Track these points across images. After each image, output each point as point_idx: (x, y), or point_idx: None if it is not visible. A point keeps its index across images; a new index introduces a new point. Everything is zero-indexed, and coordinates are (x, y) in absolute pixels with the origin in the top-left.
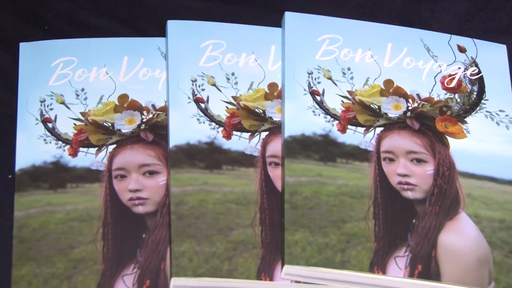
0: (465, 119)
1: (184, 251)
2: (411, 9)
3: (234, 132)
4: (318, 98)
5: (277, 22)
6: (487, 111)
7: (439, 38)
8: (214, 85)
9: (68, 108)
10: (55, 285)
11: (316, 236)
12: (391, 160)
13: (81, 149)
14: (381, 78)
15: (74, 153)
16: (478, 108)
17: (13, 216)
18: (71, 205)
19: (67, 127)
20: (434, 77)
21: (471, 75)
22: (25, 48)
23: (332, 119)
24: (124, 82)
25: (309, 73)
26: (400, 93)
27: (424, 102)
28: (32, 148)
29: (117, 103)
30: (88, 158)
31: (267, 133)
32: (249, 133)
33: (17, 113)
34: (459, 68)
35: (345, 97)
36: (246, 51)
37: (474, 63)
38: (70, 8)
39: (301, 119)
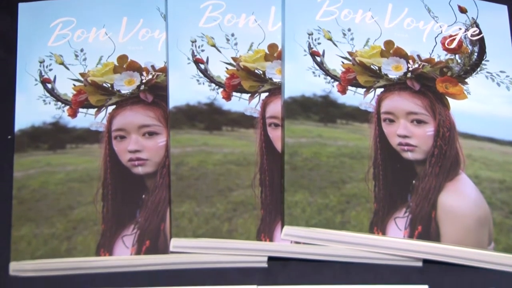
0: (466, 80)
1: (184, 212)
2: None
3: (234, 93)
4: (318, 59)
5: None
6: (487, 72)
7: None
8: (214, 46)
9: (67, 68)
10: (55, 245)
11: (316, 197)
12: (391, 121)
13: (80, 110)
14: (381, 39)
15: (73, 114)
16: (478, 69)
17: (13, 176)
18: (70, 165)
19: (66, 88)
20: (435, 38)
21: (472, 36)
22: (23, 8)
23: (332, 80)
24: (123, 43)
25: (309, 34)
26: (401, 54)
27: (424, 63)
28: (31, 109)
29: (117, 64)
30: (87, 119)
31: (267, 94)
32: (249, 94)
33: (16, 74)
34: (460, 29)
35: (346, 58)
36: (246, 12)
37: (475, 23)
38: None
39: (301, 80)
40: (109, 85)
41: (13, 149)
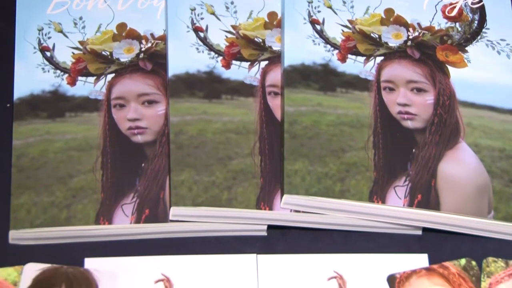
0: (466, 48)
1: (183, 180)
2: None
3: (234, 62)
4: (318, 27)
5: None
6: (488, 40)
7: None
8: (213, 14)
9: (66, 36)
10: (54, 213)
11: (315, 166)
12: (391, 89)
13: (79, 78)
14: (381, 7)
15: (72, 82)
16: (479, 37)
17: (12, 145)
18: (70, 134)
19: (65, 56)
20: (435, 6)
21: (472, 3)
22: None
23: (332, 48)
24: (122, 11)
25: (309, 2)
26: (401, 22)
27: (424, 31)
28: (30, 77)
29: (116, 32)
30: (86, 87)
31: (266, 62)
32: (249, 63)
33: (15, 42)
34: None
35: (346, 26)
36: None
37: None
38: None
39: (301, 48)
40: (108, 53)
41: (12, 118)
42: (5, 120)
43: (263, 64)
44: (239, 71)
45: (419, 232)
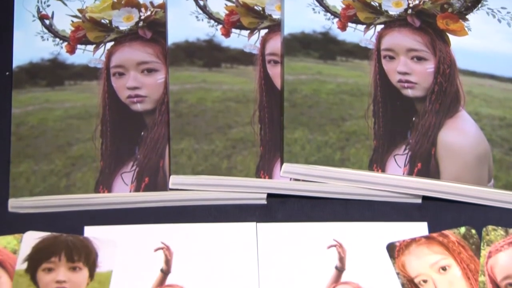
0: (467, 17)
1: (183, 149)
2: None
3: (233, 30)
4: None
5: None
6: (488, 8)
7: None
8: None
9: (65, 4)
10: (54, 182)
11: (315, 134)
12: (391, 58)
13: (78, 46)
14: None
15: (71, 50)
16: (479, 5)
17: (11, 113)
18: (69, 102)
19: (64, 24)
20: None
21: None
22: None
23: (332, 16)
24: None
25: None
26: None
27: None
28: (29, 45)
29: (115, 0)
30: (86, 56)
31: (266, 30)
32: (248, 31)
33: (14, 10)
34: None
35: None
36: None
37: None
38: None
39: (300, 16)
40: (108, 21)
41: (11, 86)
42: (4, 88)
43: (263, 32)
44: (239, 40)
45: (419, 201)
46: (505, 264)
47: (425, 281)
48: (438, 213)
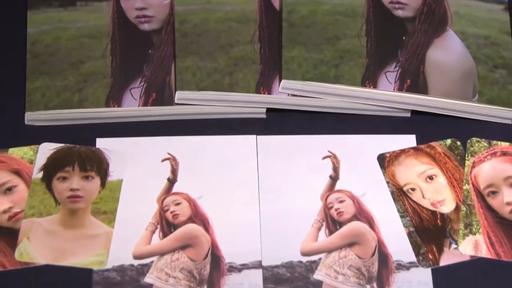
0: None
1: (187, 66)
2: None
3: None
4: None
5: None
6: None
7: None
8: None
9: None
10: (67, 97)
11: (311, 53)
12: None
13: None
14: None
15: None
16: None
17: (27, 32)
18: (81, 22)
19: None
20: None
21: None
22: None
23: None
24: None
25: None
26: None
27: None
28: None
29: None
30: None
31: None
32: None
33: None
34: None
35: None
36: None
37: None
38: None
39: None
40: None
41: (26, 6)
42: (20, 9)
43: None
44: None
45: (408, 115)
46: (487, 174)
47: (413, 189)
48: (425, 126)
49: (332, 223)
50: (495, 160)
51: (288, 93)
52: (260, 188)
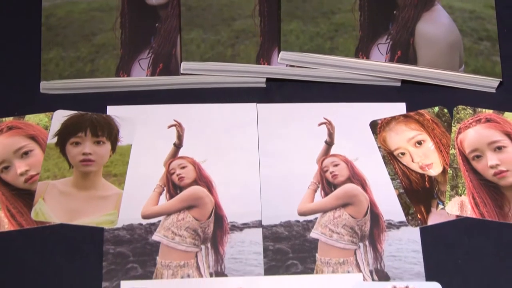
0: None
1: (192, 38)
2: None
3: None
4: None
5: None
6: None
7: None
8: None
9: None
10: (79, 67)
11: (308, 26)
12: None
13: None
14: None
15: None
16: None
17: (41, 6)
18: None
19: None
20: None
21: None
22: None
23: None
24: None
25: None
26: None
27: None
28: None
29: None
30: None
31: None
32: None
33: None
34: None
35: None
36: None
37: None
38: None
39: None
40: None
41: None
42: None
43: None
44: None
45: (398, 84)
46: (472, 139)
47: (403, 154)
48: (415, 95)
49: (327, 185)
50: (479, 127)
51: (286, 63)
52: (260, 153)
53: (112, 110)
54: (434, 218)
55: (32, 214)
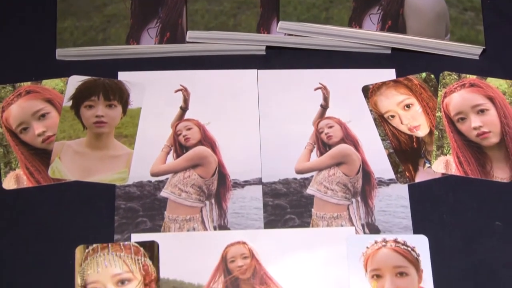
0: None
1: (197, 9)
2: None
3: None
4: None
5: None
6: None
7: None
8: None
9: None
10: (92, 36)
11: None
12: None
13: None
14: None
15: None
16: None
17: None
18: None
19: None
20: None
21: None
22: None
23: None
24: None
25: None
26: None
27: None
28: None
29: None
30: None
31: None
32: None
33: None
34: None
35: None
36: None
37: None
38: None
39: None
40: None
41: None
42: None
43: None
44: None
45: (389, 52)
46: (457, 103)
47: (392, 116)
48: (404, 62)
49: (322, 145)
50: (464, 91)
51: (285, 32)
52: (260, 115)
53: (123, 76)
54: (421, 176)
55: (49, 172)
